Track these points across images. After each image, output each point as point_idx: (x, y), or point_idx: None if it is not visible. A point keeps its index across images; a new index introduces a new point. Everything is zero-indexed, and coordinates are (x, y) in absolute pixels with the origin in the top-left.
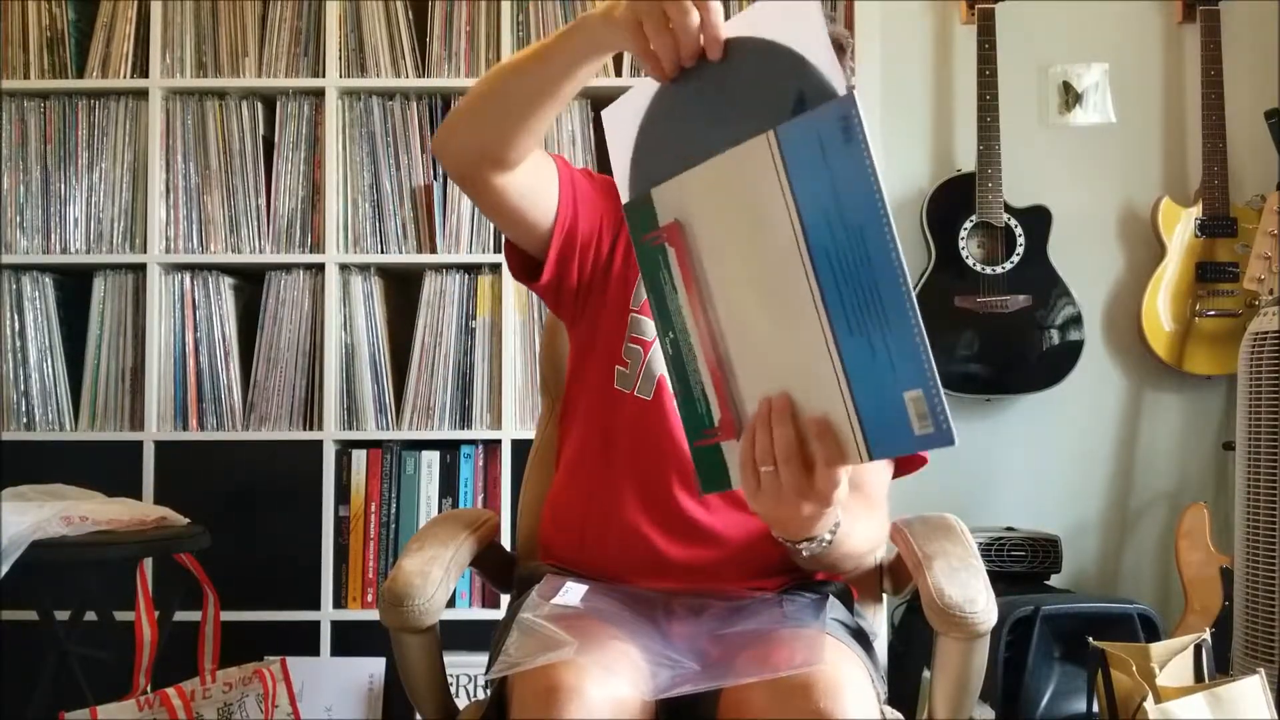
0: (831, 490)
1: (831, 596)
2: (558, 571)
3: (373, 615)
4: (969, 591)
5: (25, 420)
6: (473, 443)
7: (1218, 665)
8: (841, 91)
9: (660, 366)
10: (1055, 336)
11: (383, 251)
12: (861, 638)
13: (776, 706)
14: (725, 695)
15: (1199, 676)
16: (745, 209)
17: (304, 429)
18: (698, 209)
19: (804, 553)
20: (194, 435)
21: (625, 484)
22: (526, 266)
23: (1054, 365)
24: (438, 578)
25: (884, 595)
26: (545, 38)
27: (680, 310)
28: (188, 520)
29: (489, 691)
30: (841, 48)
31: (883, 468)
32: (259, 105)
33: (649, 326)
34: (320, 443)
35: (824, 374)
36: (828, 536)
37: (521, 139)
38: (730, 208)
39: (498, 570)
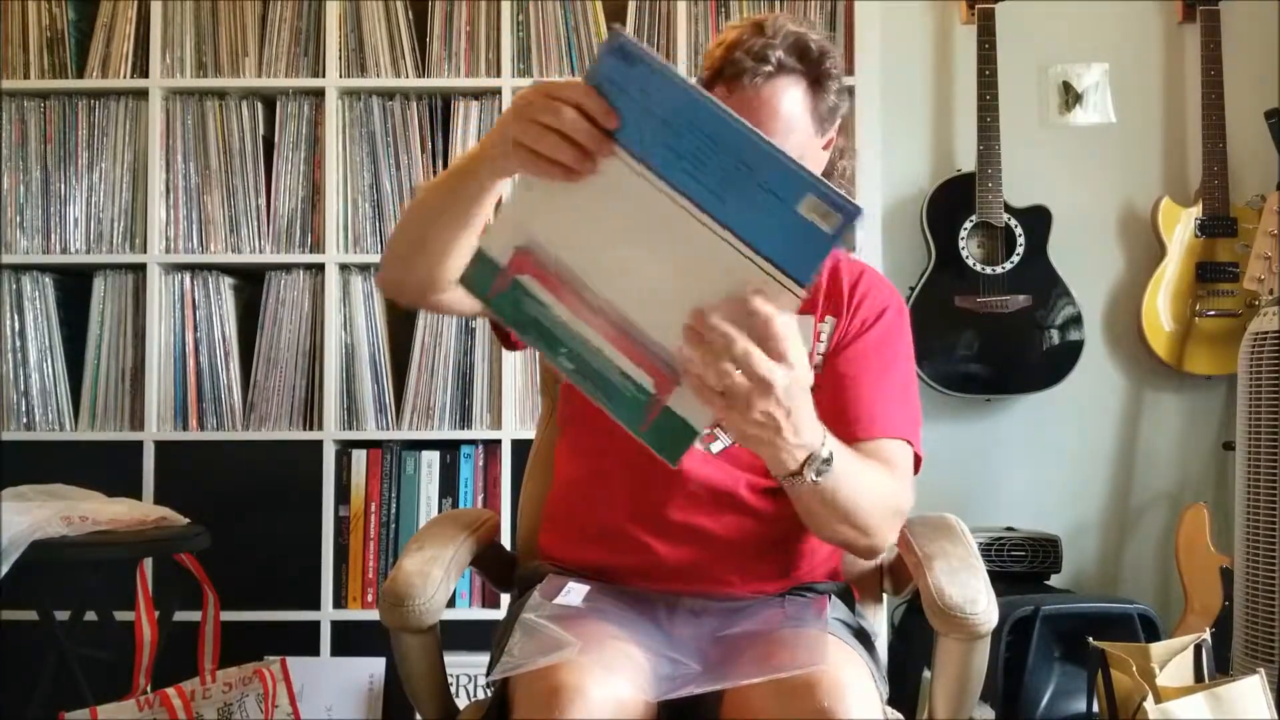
0: (787, 350)
1: (833, 596)
2: (559, 572)
3: (373, 615)
4: (969, 592)
5: (25, 420)
6: (473, 443)
7: (1218, 665)
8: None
9: None
10: (1055, 336)
11: (383, 251)
12: (863, 637)
13: (780, 707)
14: (728, 696)
15: (1199, 676)
16: (581, 184)
17: (304, 429)
18: (534, 219)
19: (806, 482)
20: (194, 435)
21: (618, 492)
22: (503, 334)
23: (1054, 365)
24: (438, 578)
25: (884, 595)
26: (456, 160)
27: (561, 321)
28: (188, 520)
29: (490, 692)
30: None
31: (895, 440)
32: (259, 105)
33: None
34: (320, 443)
35: (726, 258)
36: (824, 459)
37: (447, 264)
38: (564, 192)
39: (498, 570)
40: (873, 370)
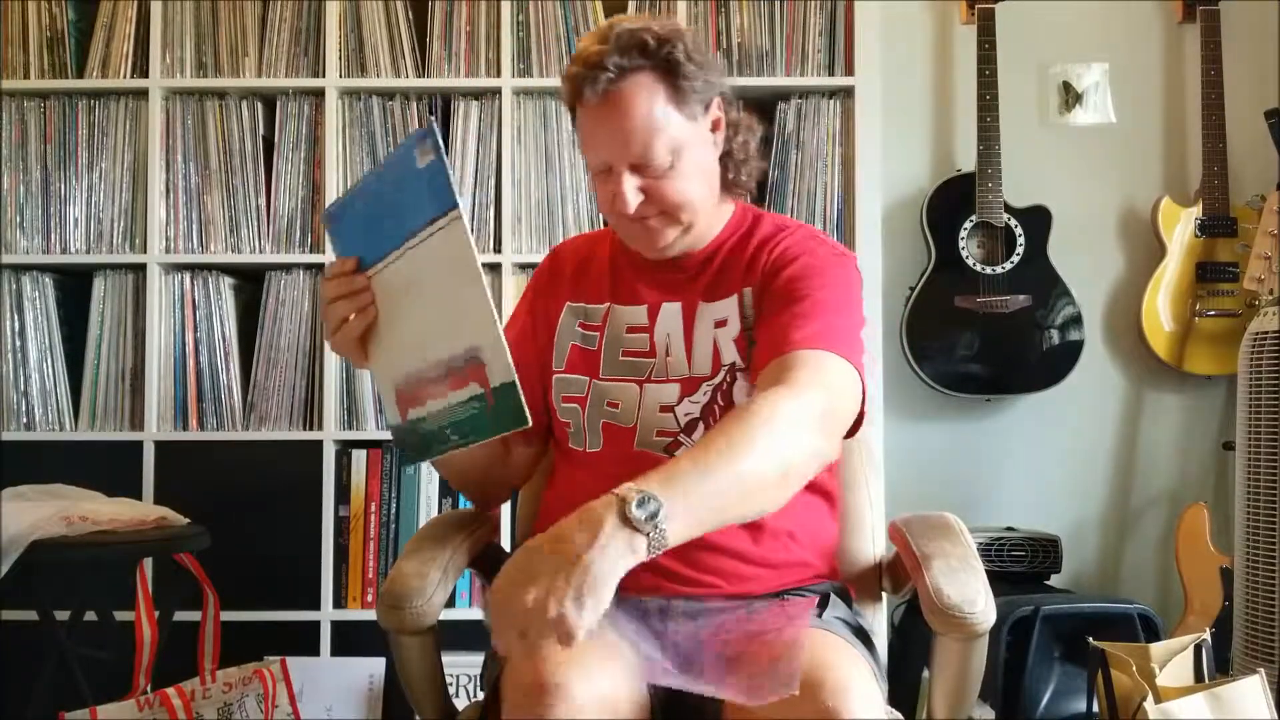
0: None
1: (832, 595)
2: None
3: (373, 615)
4: (968, 592)
5: (25, 420)
6: None
7: (1218, 665)
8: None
9: (606, 415)
10: (1055, 336)
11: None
12: (863, 636)
13: (783, 706)
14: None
15: (1199, 676)
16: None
17: (304, 429)
18: (381, 371)
19: (664, 540)
20: (194, 435)
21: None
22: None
23: (1054, 365)
24: (435, 579)
25: (883, 595)
26: None
27: (436, 413)
28: (188, 520)
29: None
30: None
31: (802, 352)
32: (259, 105)
33: (574, 383)
34: (320, 443)
35: (428, 253)
36: (635, 517)
37: (501, 482)
38: (376, 335)
39: (497, 571)
40: (781, 301)
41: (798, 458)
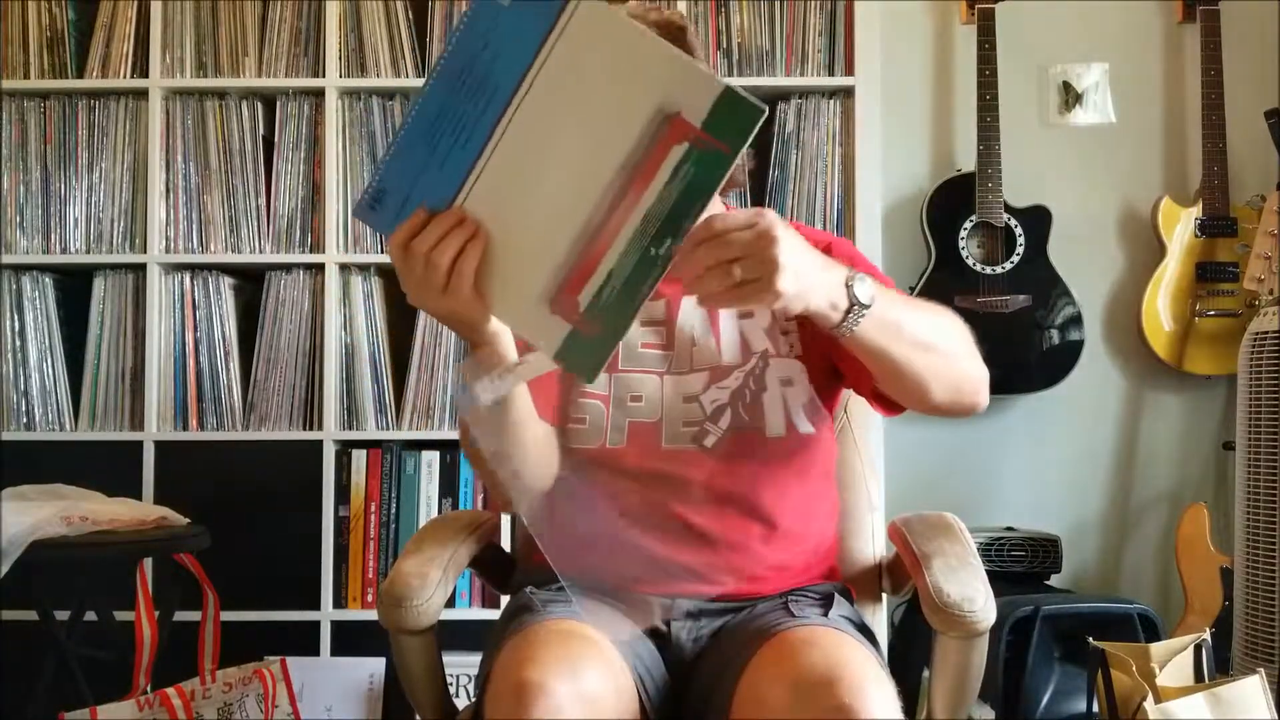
0: (751, 216)
1: (836, 595)
2: (547, 583)
3: (373, 615)
4: (968, 590)
5: (25, 420)
6: None
7: (1218, 665)
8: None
9: (630, 412)
10: (1055, 336)
11: (383, 251)
12: (867, 635)
13: (798, 705)
14: (740, 694)
15: (1199, 676)
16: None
17: (304, 429)
18: (519, 280)
19: (867, 306)
20: (194, 435)
21: (616, 505)
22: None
23: (1054, 365)
24: (435, 579)
25: (883, 595)
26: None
27: (622, 255)
28: (188, 520)
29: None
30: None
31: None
32: (259, 105)
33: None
34: (320, 443)
35: (549, 95)
36: (858, 276)
37: (546, 472)
38: (493, 254)
39: (497, 571)
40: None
41: (974, 364)
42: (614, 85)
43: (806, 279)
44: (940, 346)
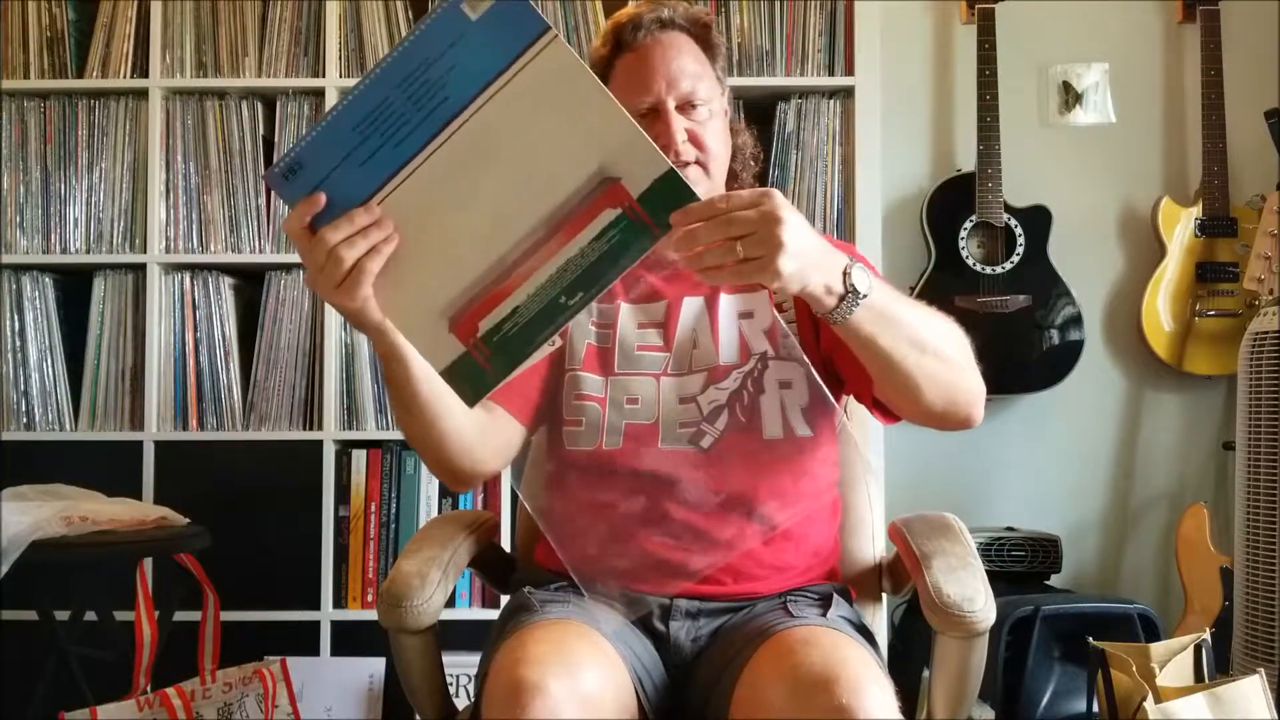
0: (759, 195)
1: (835, 595)
2: (547, 584)
3: (373, 615)
4: (967, 590)
5: (25, 420)
6: None
7: (1218, 665)
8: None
9: (627, 414)
10: (1055, 336)
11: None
12: (866, 635)
13: (796, 705)
14: (739, 694)
15: (1199, 676)
16: (400, 244)
17: (304, 429)
18: (420, 297)
19: (861, 295)
20: (194, 435)
21: (613, 505)
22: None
23: (1054, 365)
24: (435, 579)
25: (883, 595)
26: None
27: (533, 300)
28: (188, 520)
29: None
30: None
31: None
32: (259, 105)
33: (591, 381)
34: (320, 443)
35: (497, 112)
36: (858, 265)
37: (458, 443)
38: (401, 263)
39: (496, 571)
40: None
41: (972, 372)
42: (564, 131)
43: (806, 261)
44: (937, 350)
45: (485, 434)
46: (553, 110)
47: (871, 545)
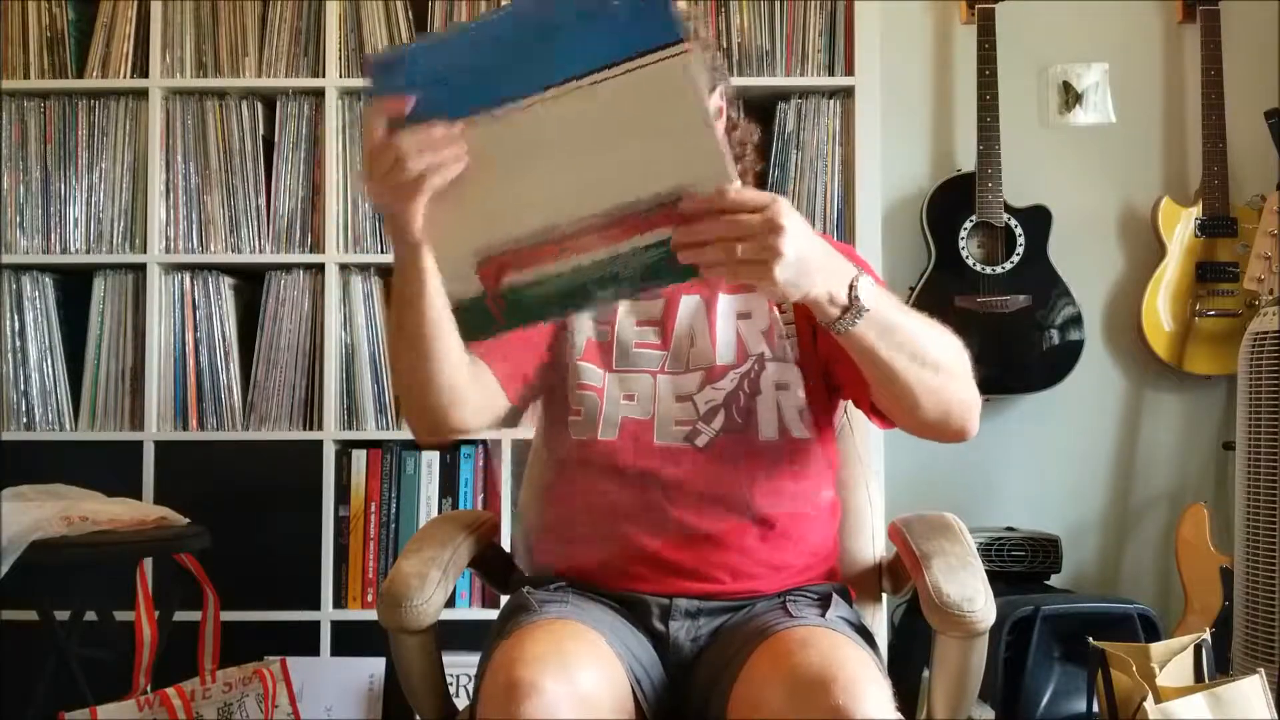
0: (761, 199)
1: (835, 595)
2: (546, 584)
3: (373, 615)
4: (967, 590)
5: (25, 420)
6: (473, 443)
7: (1218, 665)
8: None
9: (619, 409)
10: (1055, 336)
11: (383, 251)
12: (865, 635)
13: (794, 705)
14: (737, 694)
15: (1199, 676)
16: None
17: (304, 429)
18: (463, 234)
19: (865, 309)
20: (194, 435)
21: (611, 503)
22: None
23: (1054, 365)
24: (435, 579)
25: (883, 595)
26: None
27: (564, 274)
28: (188, 520)
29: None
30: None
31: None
32: (259, 105)
33: (592, 373)
34: (320, 443)
35: (609, 94)
36: (863, 275)
37: (444, 383)
38: (461, 192)
39: (496, 571)
40: None
41: (970, 384)
42: (658, 140)
43: (806, 269)
44: (936, 363)
45: (471, 389)
46: (656, 116)
47: (871, 546)
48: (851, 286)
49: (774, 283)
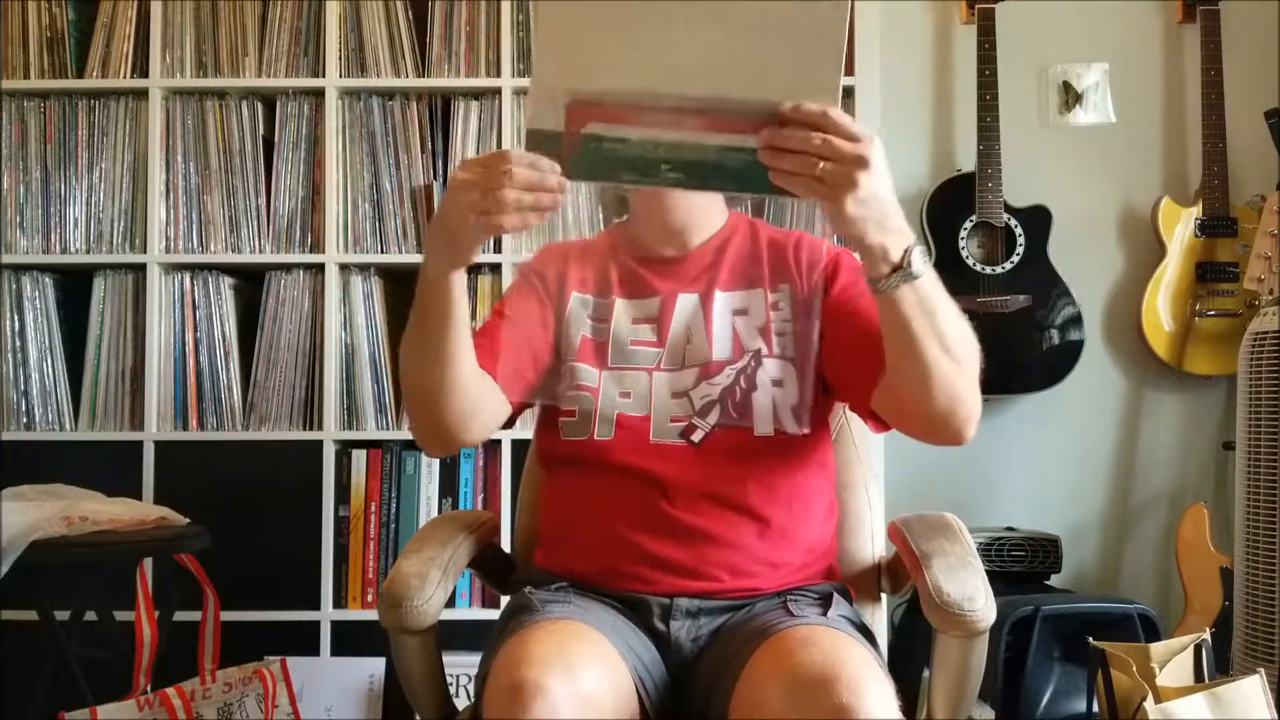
0: (858, 130)
1: (835, 594)
2: (547, 584)
3: (373, 615)
4: (968, 590)
5: (25, 420)
6: None
7: (1218, 665)
8: None
9: (615, 406)
10: (1055, 336)
11: (383, 251)
12: (866, 634)
13: (796, 704)
14: (739, 693)
15: (1199, 676)
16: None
17: (304, 429)
18: (564, 69)
19: (911, 276)
20: (194, 435)
21: (609, 503)
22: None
23: (1054, 365)
24: (435, 579)
25: (882, 596)
26: (411, 317)
27: (645, 141)
28: (188, 520)
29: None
30: None
31: None
32: (259, 105)
33: (587, 373)
34: (320, 443)
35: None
36: (920, 247)
37: (460, 401)
38: (573, 29)
39: (496, 571)
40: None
41: (976, 391)
42: (789, 50)
43: (873, 213)
44: (959, 356)
45: (480, 400)
46: (797, 28)
47: (871, 546)
48: (907, 250)
49: (841, 211)
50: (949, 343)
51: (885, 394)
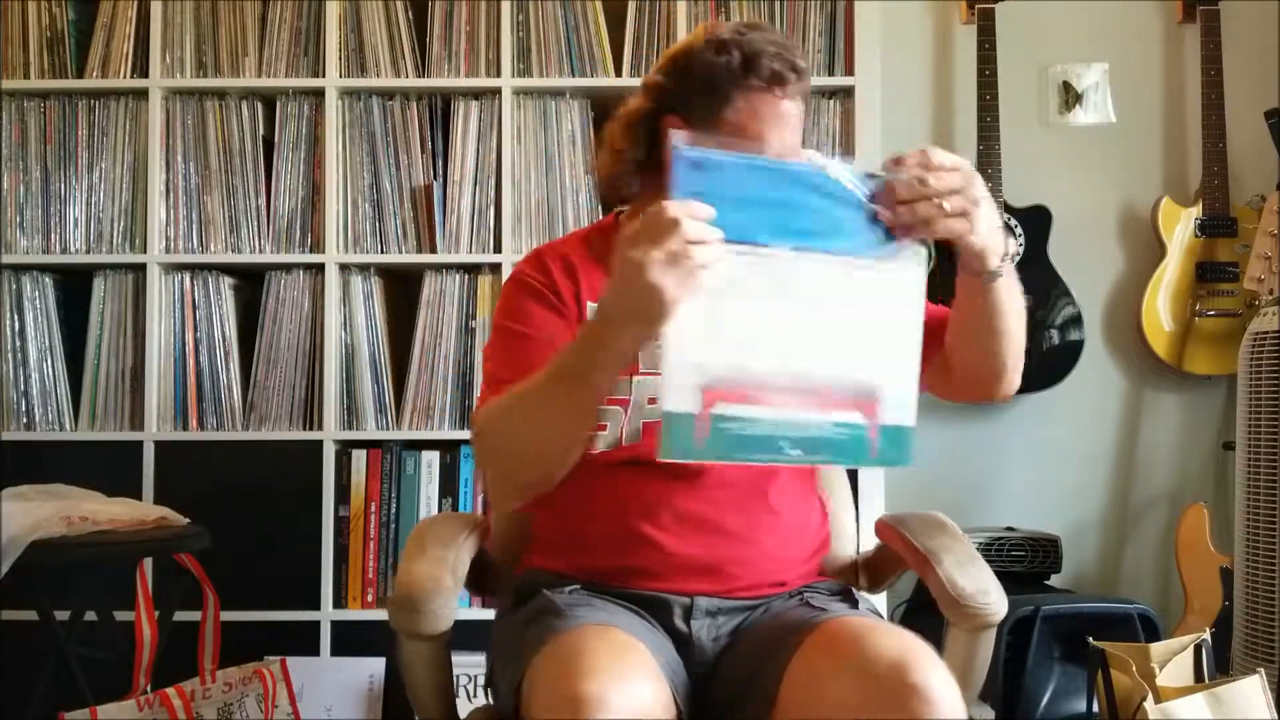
0: (957, 161)
1: (851, 590)
2: (557, 584)
3: (373, 615)
4: (980, 583)
5: (25, 420)
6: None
7: (1218, 665)
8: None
9: (646, 414)
10: (1055, 336)
11: (383, 251)
12: None
13: (868, 690)
14: (794, 685)
15: (1199, 676)
16: (713, 296)
17: (304, 429)
18: (700, 353)
19: (1009, 266)
20: (194, 435)
21: (625, 498)
22: None
23: (1054, 365)
24: (449, 581)
25: (882, 595)
26: (555, 367)
27: (769, 420)
28: (188, 520)
29: (491, 697)
30: None
31: None
32: (259, 105)
33: (619, 385)
34: (320, 443)
35: (853, 278)
36: (1009, 246)
37: (570, 459)
38: (706, 312)
39: (480, 576)
40: None
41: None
42: (875, 332)
43: (992, 222)
44: (1023, 325)
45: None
46: (881, 309)
47: (847, 543)
48: (1005, 239)
49: (975, 231)
50: (1020, 319)
51: (941, 370)
